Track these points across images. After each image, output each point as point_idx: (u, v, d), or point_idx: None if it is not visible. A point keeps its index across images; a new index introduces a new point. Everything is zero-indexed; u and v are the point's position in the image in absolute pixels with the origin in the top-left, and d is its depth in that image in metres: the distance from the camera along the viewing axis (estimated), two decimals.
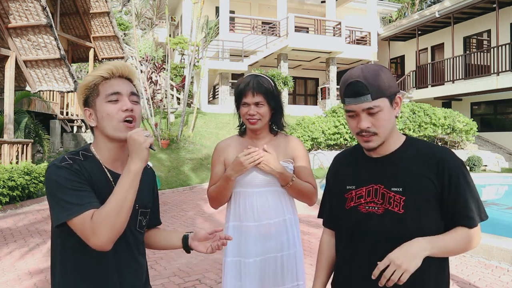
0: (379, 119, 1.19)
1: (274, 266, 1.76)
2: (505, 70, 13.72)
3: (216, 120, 14.65)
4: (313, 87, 22.47)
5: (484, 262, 4.17)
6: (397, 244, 1.16)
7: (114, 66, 1.22)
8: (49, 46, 8.28)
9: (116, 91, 1.21)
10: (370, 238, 1.24)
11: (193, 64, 13.70)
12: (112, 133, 1.20)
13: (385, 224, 1.21)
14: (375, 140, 1.21)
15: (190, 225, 5.92)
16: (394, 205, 1.20)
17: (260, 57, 17.05)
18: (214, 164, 1.88)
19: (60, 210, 1.10)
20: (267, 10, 20.37)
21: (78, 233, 1.10)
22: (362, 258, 1.25)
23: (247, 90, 1.73)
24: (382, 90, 1.18)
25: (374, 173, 1.27)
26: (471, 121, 13.47)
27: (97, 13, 12.20)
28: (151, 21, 23.09)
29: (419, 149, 1.25)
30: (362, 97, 1.18)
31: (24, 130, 9.37)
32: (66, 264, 1.19)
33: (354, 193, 1.29)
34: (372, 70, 1.20)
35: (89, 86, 1.22)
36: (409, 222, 1.18)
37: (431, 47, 18.76)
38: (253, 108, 1.73)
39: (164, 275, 3.83)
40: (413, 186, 1.20)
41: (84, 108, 1.25)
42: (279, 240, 1.77)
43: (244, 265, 1.75)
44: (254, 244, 1.75)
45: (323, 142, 12.12)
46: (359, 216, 1.26)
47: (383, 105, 1.19)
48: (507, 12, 14.86)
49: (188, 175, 10.15)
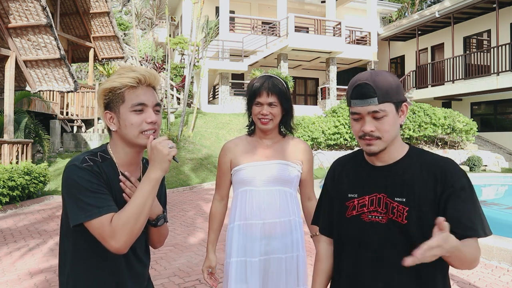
0: (383, 123, 1.18)
1: (278, 267, 1.74)
2: (505, 70, 13.72)
3: (216, 120, 14.64)
4: (313, 87, 22.47)
5: (484, 262, 4.17)
6: (402, 252, 1.15)
7: (143, 76, 1.21)
8: (49, 46, 8.29)
9: (143, 102, 1.21)
10: (374, 246, 1.22)
11: (193, 64, 13.70)
12: (134, 140, 1.21)
13: (389, 233, 1.20)
14: (378, 144, 1.20)
15: (190, 225, 5.92)
16: (398, 215, 1.19)
17: (260, 57, 17.05)
18: (221, 163, 1.88)
19: (78, 211, 1.11)
20: (267, 10, 20.37)
21: (95, 235, 1.11)
22: (367, 266, 1.24)
23: (262, 90, 1.73)
24: (389, 95, 1.17)
25: (378, 182, 1.25)
26: (471, 121, 13.47)
27: (97, 13, 12.21)
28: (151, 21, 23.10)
29: (424, 159, 1.24)
30: (369, 99, 1.17)
31: (24, 130, 9.37)
32: (77, 264, 1.20)
33: (356, 202, 1.27)
34: (381, 74, 1.20)
35: (114, 91, 1.21)
36: (412, 232, 1.17)
37: (431, 47, 18.76)
38: (266, 108, 1.74)
39: (164, 275, 3.83)
40: (416, 197, 1.19)
41: (105, 111, 1.24)
42: (283, 241, 1.76)
43: (250, 265, 1.73)
44: (259, 242, 1.74)
45: (323, 142, 12.13)
46: (362, 225, 1.24)
47: (389, 110, 1.18)
48: (507, 12, 14.87)
49: (188, 175, 10.14)
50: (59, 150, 11.62)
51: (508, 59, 13.73)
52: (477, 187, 10.20)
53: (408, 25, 18.09)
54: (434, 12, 16.42)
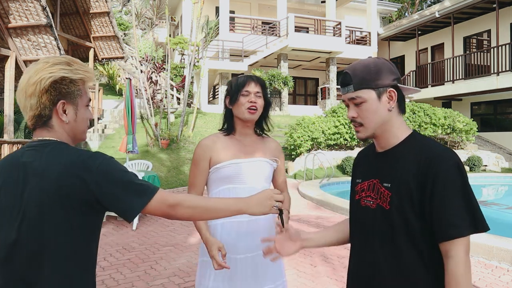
0: (362, 110, 1.22)
1: (263, 263, 1.74)
2: (505, 70, 13.72)
3: (216, 120, 14.64)
4: (313, 87, 22.47)
5: (484, 262, 4.17)
6: (384, 240, 1.18)
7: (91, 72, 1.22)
8: (49, 46, 8.29)
9: (90, 98, 1.25)
10: (364, 232, 1.27)
11: (193, 64, 13.70)
12: (83, 135, 1.24)
13: (376, 219, 1.22)
14: (362, 131, 1.25)
15: (190, 225, 5.92)
16: (383, 200, 1.20)
17: (260, 57, 17.05)
18: (199, 160, 1.79)
19: (136, 194, 1.10)
20: (267, 10, 20.37)
21: (160, 206, 1.12)
22: (357, 251, 1.30)
23: (249, 80, 1.81)
24: (366, 81, 1.20)
25: (374, 167, 1.29)
26: (471, 121, 13.47)
27: (97, 13, 12.21)
28: (151, 21, 23.10)
29: (418, 146, 1.19)
30: (346, 87, 1.23)
31: (24, 130, 9.37)
32: (76, 253, 1.09)
33: (359, 187, 1.32)
34: (364, 62, 1.23)
35: (75, 83, 1.16)
36: (395, 218, 1.16)
37: (431, 47, 18.77)
38: (254, 96, 1.78)
39: (164, 275, 3.83)
40: (399, 183, 1.17)
41: (62, 100, 1.15)
42: (264, 235, 1.74)
43: (235, 262, 1.72)
44: (244, 239, 1.74)
45: (323, 142, 12.12)
46: (360, 209, 1.29)
47: (367, 96, 1.20)
48: (507, 12, 14.87)
49: (188, 175, 10.14)
50: None
51: (508, 59, 13.73)
52: (477, 187, 10.22)
53: (408, 25, 18.09)
54: (434, 12, 16.42)
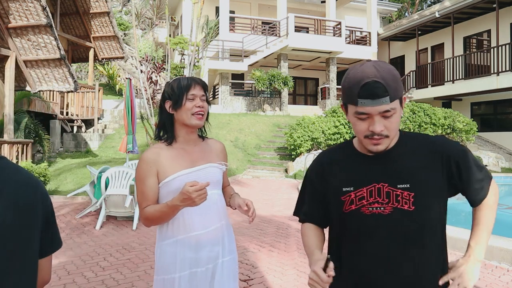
0: (392, 121, 1.14)
1: (224, 271, 1.69)
2: (505, 70, 13.72)
3: (216, 120, 14.63)
4: (313, 87, 22.47)
5: (484, 262, 4.16)
6: (408, 242, 1.16)
7: None
8: (49, 46, 8.29)
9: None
10: (378, 238, 1.18)
11: (193, 64, 13.68)
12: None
13: (393, 223, 1.17)
14: (385, 142, 1.16)
15: None
16: (403, 202, 1.16)
17: (260, 57, 17.06)
18: (145, 177, 1.63)
19: None
20: (267, 10, 20.37)
21: None
22: (372, 259, 1.20)
23: (194, 82, 1.70)
24: (398, 91, 1.13)
25: (375, 171, 1.21)
26: (471, 121, 13.46)
27: (97, 13, 12.21)
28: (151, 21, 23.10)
29: (417, 142, 1.24)
30: (382, 99, 1.10)
31: (24, 130, 9.37)
32: None
33: (353, 195, 1.21)
34: (387, 69, 1.13)
35: None
36: (419, 217, 1.16)
37: (431, 47, 18.76)
38: (200, 100, 1.69)
39: None
40: (420, 181, 1.17)
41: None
42: (224, 244, 1.71)
43: (197, 275, 1.64)
44: (205, 251, 1.65)
45: (323, 142, 12.11)
46: (363, 218, 1.20)
47: (397, 106, 1.14)
48: (507, 12, 14.86)
49: None
50: (59, 150, 11.61)
51: (508, 59, 13.72)
52: None
53: (408, 25, 18.09)
54: (434, 12, 16.42)
